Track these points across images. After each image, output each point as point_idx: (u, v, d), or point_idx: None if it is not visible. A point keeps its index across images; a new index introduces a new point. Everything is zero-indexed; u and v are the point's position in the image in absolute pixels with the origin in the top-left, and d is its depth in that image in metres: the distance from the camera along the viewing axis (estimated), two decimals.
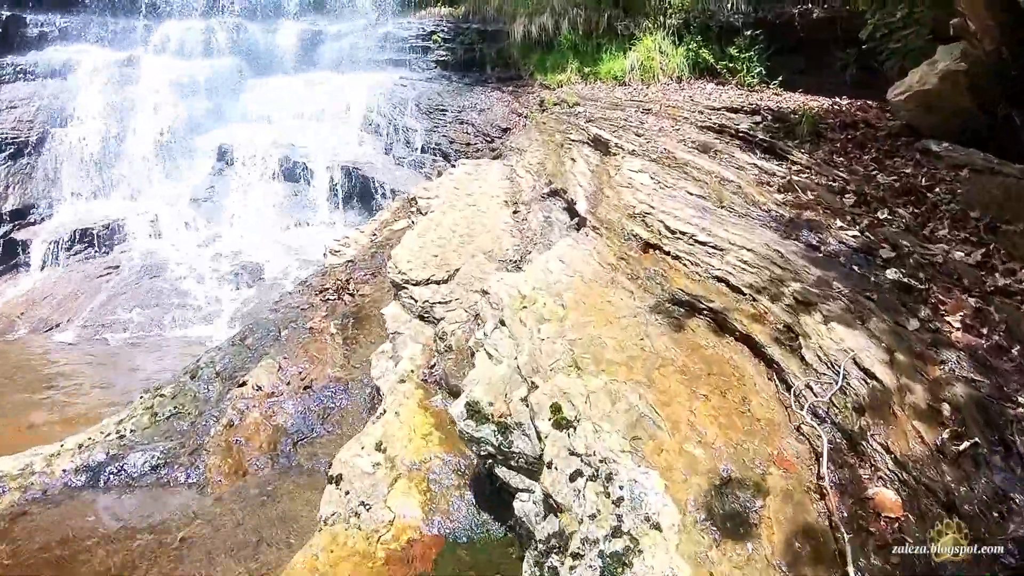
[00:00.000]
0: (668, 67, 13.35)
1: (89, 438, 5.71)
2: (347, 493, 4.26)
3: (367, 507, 4.14)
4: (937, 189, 6.02)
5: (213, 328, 9.92)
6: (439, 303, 5.73)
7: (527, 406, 3.72)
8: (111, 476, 5.21)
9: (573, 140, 9.95)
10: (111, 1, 16.21)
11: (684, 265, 5.28)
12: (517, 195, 8.46)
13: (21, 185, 13.31)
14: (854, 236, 5.59)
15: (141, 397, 6.10)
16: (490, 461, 3.83)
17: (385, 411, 4.64)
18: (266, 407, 5.28)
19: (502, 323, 4.51)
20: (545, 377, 3.76)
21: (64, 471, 5.28)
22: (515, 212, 7.92)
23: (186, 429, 5.50)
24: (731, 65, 12.12)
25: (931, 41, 7.33)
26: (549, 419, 3.51)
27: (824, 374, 3.81)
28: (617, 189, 7.24)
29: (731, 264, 5.18)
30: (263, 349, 6.00)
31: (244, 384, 5.54)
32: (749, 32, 11.82)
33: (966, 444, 3.00)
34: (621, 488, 3.05)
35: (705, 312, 4.68)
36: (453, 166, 12.09)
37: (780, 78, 11.10)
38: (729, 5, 12.62)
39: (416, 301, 5.81)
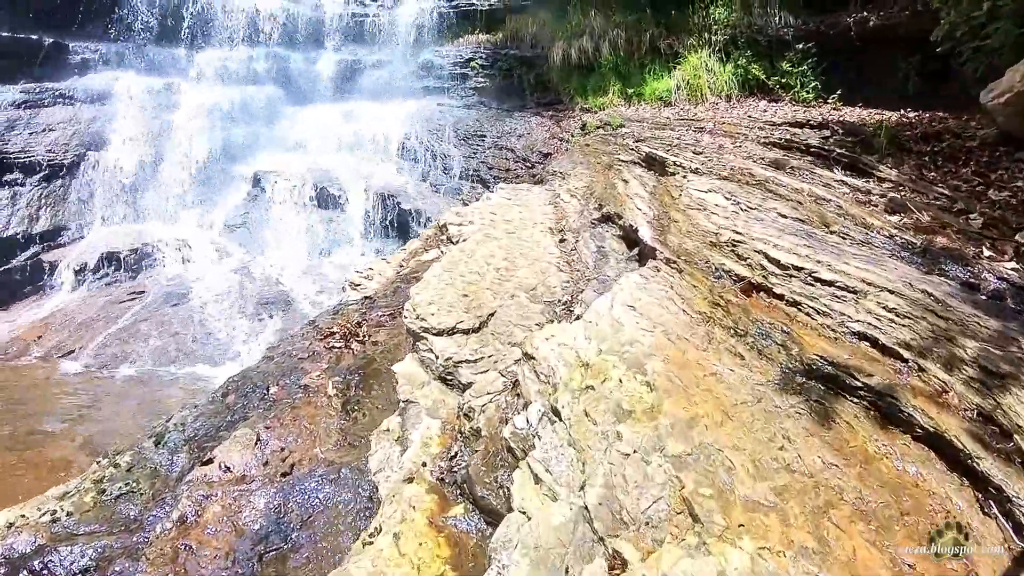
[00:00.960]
0: (716, 85, 11.75)
1: (22, 515, 4.06)
2: None
3: None
4: None
5: (225, 367, 8.30)
6: (466, 362, 4.02)
7: None
8: None
9: (622, 160, 8.26)
10: (154, 30, 14.91)
11: (808, 315, 3.57)
12: (563, 221, 6.79)
13: (53, 207, 11.98)
14: (1013, 269, 3.83)
15: (98, 462, 4.45)
16: None
17: (380, 529, 2.91)
18: (231, 499, 3.59)
19: (555, 413, 2.81)
20: (639, 541, 2.00)
21: None
22: (562, 240, 6.22)
23: (133, 517, 3.83)
24: (784, 80, 10.62)
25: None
26: None
27: None
28: (686, 212, 5.50)
29: (873, 313, 3.47)
30: (245, 411, 4.35)
31: (210, 461, 3.88)
32: (800, 45, 10.37)
33: None
34: None
35: (860, 392, 2.90)
36: (491, 191, 10.53)
37: (838, 92, 9.61)
38: (777, 19, 11.07)
39: (437, 357, 4.11)
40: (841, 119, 8.34)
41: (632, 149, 8.47)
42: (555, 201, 7.83)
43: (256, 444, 3.94)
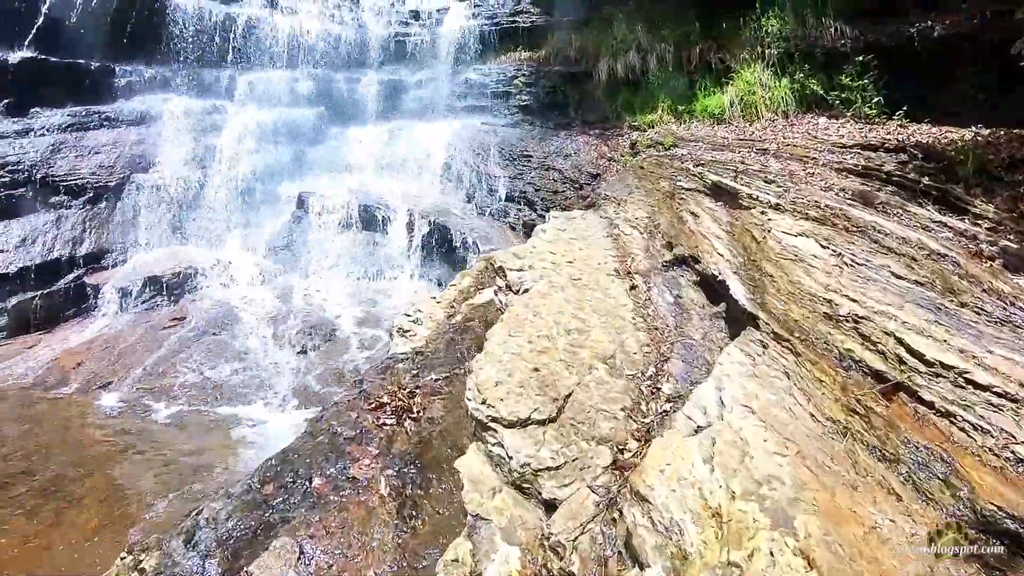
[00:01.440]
0: (772, 101, 10.87)
1: None
2: None
3: None
4: None
5: (266, 409, 7.62)
6: (547, 469, 3.23)
7: None
8: None
9: (685, 188, 7.43)
10: (198, 52, 14.41)
11: (963, 432, 2.73)
12: (628, 260, 6.00)
13: (97, 230, 11.50)
14: None
15: (121, 559, 3.77)
16: None
17: None
18: None
19: None
20: None
21: None
22: (632, 287, 5.43)
23: None
24: (843, 95, 9.68)
25: None
26: None
27: None
28: (779, 263, 4.66)
29: None
30: (286, 508, 3.61)
31: None
32: (860, 58, 9.46)
33: None
34: None
35: None
36: (543, 218, 9.77)
37: (903, 108, 8.64)
38: (833, 30, 10.20)
39: (509, 457, 3.35)
40: (916, 141, 7.45)
41: (694, 175, 7.65)
42: (614, 233, 7.04)
43: (299, 559, 3.21)
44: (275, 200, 13.30)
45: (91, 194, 11.62)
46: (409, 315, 5.98)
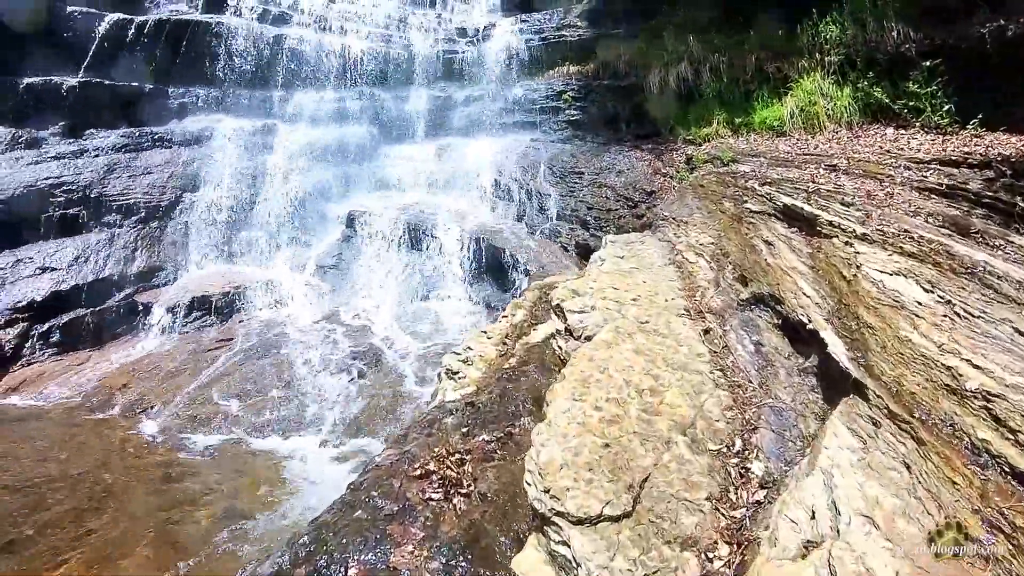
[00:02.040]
0: (834, 112, 9.94)
1: None
2: None
3: None
4: None
5: (307, 443, 7.07)
6: None
7: None
8: None
9: (753, 211, 6.65)
10: (249, 73, 14.17)
11: None
12: (697, 295, 5.29)
13: (149, 248, 11.23)
14: None
15: None
16: None
17: None
18: None
19: None
20: None
21: None
22: (706, 332, 4.70)
23: None
24: (911, 104, 8.72)
25: None
26: None
27: None
28: (878, 311, 3.94)
29: None
30: None
31: None
32: (927, 62, 8.52)
33: None
34: None
35: None
36: (596, 238, 9.09)
37: (979, 116, 7.67)
38: (895, 33, 9.30)
39: (577, 564, 2.66)
40: (1001, 154, 6.55)
41: (761, 195, 6.87)
42: (677, 259, 6.32)
43: None
44: (324, 219, 12.90)
45: (143, 213, 11.37)
46: (459, 353, 5.36)
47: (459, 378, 5.03)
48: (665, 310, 4.92)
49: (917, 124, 8.52)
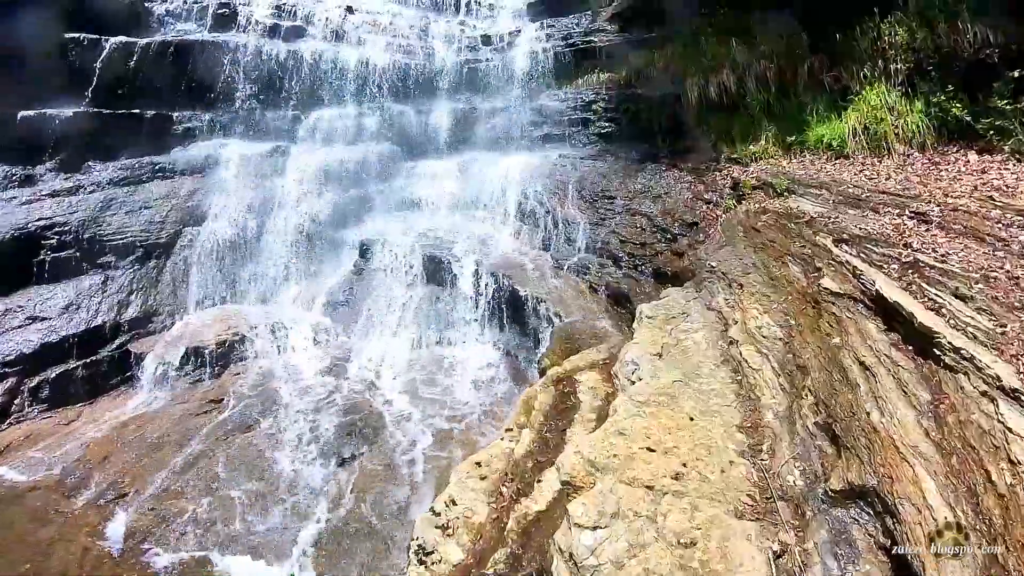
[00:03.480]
0: (904, 130, 7.90)
1: None
2: None
3: None
4: None
5: (273, 573, 5.38)
6: None
7: None
8: None
9: (832, 293, 4.61)
10: (260, 94, 12.60)
11: None
12: (763, 445, 3.38)
13: (145, 291, 9.89)
14: None
15: None
16: None
17: None
18: None
19: None
20: None
21: None
22: (777, 556, 2.64)
23: None
24: (998, 123, 6.75)
25: None
26: None
27: None
28: None
29: None
30: None
31: None
32: (1016, 72, 6.65)
33: None
34: None
35: None
36: (631, 279, 7.21)
37: None
38: (973, 35, 7.35)
39: None
40: None
41: (841, 265, 4.89)
42: (733, 356, 4.48)
43: None
44: (338, 247, 11.36)
45: (140, 252, 10.08)
46: (437, 513, 3.59)
47: (432, 563, 3.19)
48: (719, 499, 3.03)
49: (1005, 149, 6.65)
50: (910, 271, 4.39)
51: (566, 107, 13.39)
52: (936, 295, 3.91)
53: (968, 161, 6.94)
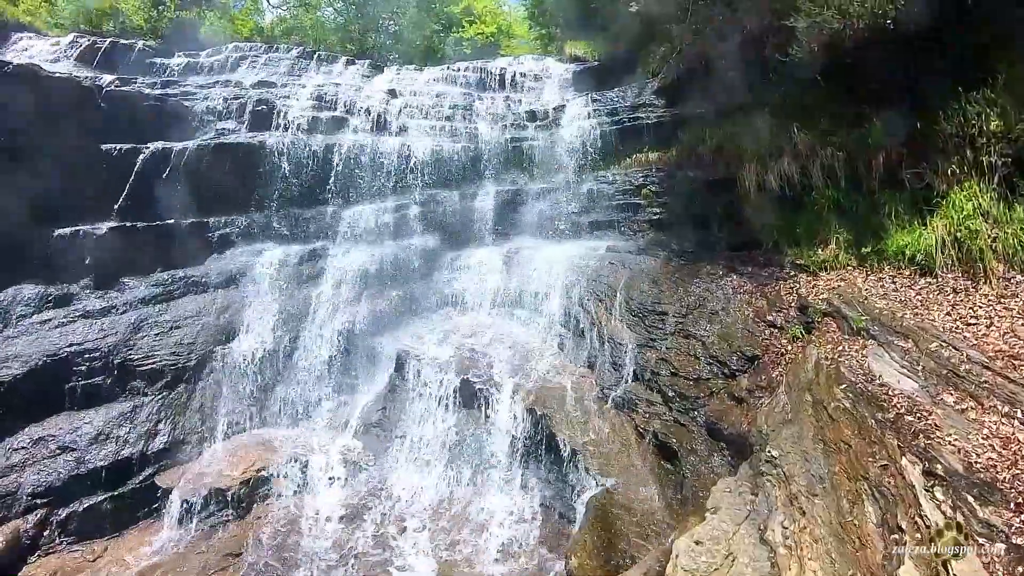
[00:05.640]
0: (1004, 245, 6.57)
1: None
2: None
3: None
4: None
5: None
6: None
7: None
8: None
9: None
10: (297, 193, 12.13)
11: None
12: None
13: (173, 419, 9.39)
14: None
15: None
16: None
17: None
18: None
19: None
20: None
21: None
22: None
23: None
24: None
25: None
26: None
27: None
28: None
29: None
30: None
31: None
32: None
33: None
34: None
35: None
36: (680, 425, 6.22)
37: None
38: None
39: None
40: None
41: (927, 529, 3.67)
42: None
43: None
44: (375, 359, 10.65)
45: (169, 377, 9.62)
46: None
47: None
48: None
49: None
50: None
51: (614, 191, 12.43)
52: None
53: None
